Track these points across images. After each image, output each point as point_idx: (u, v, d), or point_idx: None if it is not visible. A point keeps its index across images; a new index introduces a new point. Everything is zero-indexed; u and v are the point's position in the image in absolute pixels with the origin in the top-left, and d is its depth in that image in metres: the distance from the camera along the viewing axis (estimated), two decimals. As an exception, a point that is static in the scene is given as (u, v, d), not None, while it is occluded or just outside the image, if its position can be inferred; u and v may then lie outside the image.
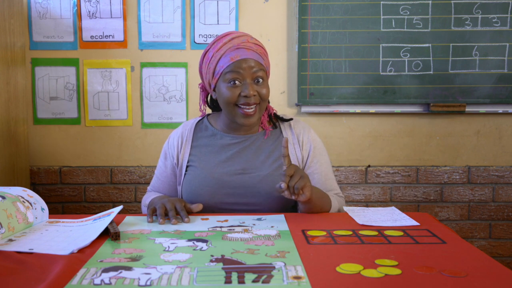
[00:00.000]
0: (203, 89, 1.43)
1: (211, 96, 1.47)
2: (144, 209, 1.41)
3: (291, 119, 1.43)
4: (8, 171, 2.04)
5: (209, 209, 1.30)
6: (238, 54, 1.27)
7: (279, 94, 2.33)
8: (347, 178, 2.35)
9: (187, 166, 1.37)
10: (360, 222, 1.07)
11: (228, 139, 1.37)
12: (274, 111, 1.44)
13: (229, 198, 1.30)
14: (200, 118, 1.47)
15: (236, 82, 1.27)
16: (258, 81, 1.29)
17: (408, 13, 2.24)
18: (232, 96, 1.27)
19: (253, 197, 1.30)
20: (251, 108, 1.28)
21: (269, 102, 1.43)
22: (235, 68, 1.26)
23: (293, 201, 1.34)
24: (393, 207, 1.24)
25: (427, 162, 2.36)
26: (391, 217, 1.12)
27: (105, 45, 2.30)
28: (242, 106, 1.28)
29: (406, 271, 0.77)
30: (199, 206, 1.22)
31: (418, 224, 1.07)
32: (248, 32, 2.05)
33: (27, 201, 1.09)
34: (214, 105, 1.48)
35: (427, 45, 2.26)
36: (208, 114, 1.49)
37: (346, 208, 1.20)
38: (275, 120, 1.44)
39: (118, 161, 2.36)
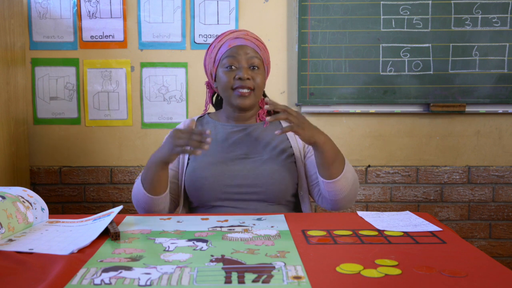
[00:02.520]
0: (209, 86, 1.49)
1: (217, 95, 1.53)
2: (137, 198, 1.33)
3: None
4: (8, 171, 2.04)
5: (213, 193, 1.32)
6: (236, 42, 1.35)
7: (279, 94, 2.33)
8: (347, 178, 2.35)
9: (189, 158, 1.41)
10: (381, 228, 1.04)
11: (229, 128, 1.42)
12: None
13: (233, 180, 1.32)
14: (201, 115, 1.52)
15: (232, 66, 1.34)
16: (253, 68, 1.35)
17: (408, 13, 2.24)
18: (228, 80, 1.33)
19: (255, 179, 1.32)
20: (245, 90, 1.33)
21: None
22: (231, 53, 1.34)
23: (295, 187, 1.38)
24: (407, 212, 1.20)
25: (427, 162, 2.36)
26: (410, 223, 1.09)
27: (105, 45, 2.30)
28: (236, 89, 1.33)
29: (406, 271, 0.77)
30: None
31: (440, 229, 1.03)
32: (248, 32, 2.04)
33: (27, 201, 1.09)
34: (219, 104, 1.54)
35: (427, 45, 2.26)
36: (209, 113, 1.53)
37: (360, 213, 1.18)
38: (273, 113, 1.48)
39: (118, 161, 2.36)
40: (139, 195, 1.31)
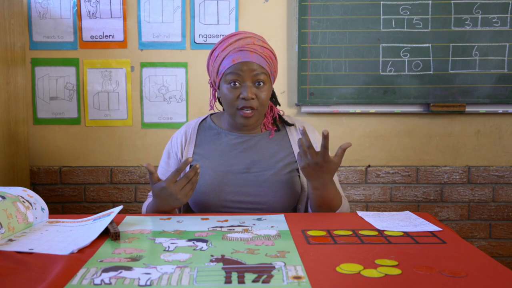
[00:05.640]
0: (212, 85, 1.43)
1: None
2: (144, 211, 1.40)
3: (293, 124, 1.45)
4: (8, 171, 2.04)
5: (214, 207, 1.31)
6: (240, 56, 1.28)
7: (279, 94, 2.33)
8: (347, 178, 2.35)
9: (190, 165, 1.37)
10: (381, 228, 1.04)
11: (232, 138, 1.39)
12: (279, 113, 1.45)
13: (234, 196, 1.31)
14: (203, 118, 1.48)
15: (236, 83, 1.29)
16: (258, 84, 1.29)
17: (408, 13, 2.24)
18: (232, 98, 1.29)
19: (257, 196, 1.31)
20: (249, 110, 1.29)
21: (279, 104, 1.45)
22: (236, 70, 1.28)
23: (296, 200, 1.36)
24: (407, 212, 1.20)
25: (427, 162, 2.36)
26: (410, 223, 1.09)
27: (105, 45, 2.30)
28: (240, 109, 1.30)
29: (406, 271, 0.77)
30: (188, 159, 1.19)
31: (440, 229, 1.03)
32: (248, 32, 2.04)
33: (27, 201, 1.09)
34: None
35: (427, 45, 2.26)
36: (212, 114, 1.49)
37: (360, 213, 1.18)
38: (280, 122, 1.44)
39: (118, 161, 2.36)
40: None
